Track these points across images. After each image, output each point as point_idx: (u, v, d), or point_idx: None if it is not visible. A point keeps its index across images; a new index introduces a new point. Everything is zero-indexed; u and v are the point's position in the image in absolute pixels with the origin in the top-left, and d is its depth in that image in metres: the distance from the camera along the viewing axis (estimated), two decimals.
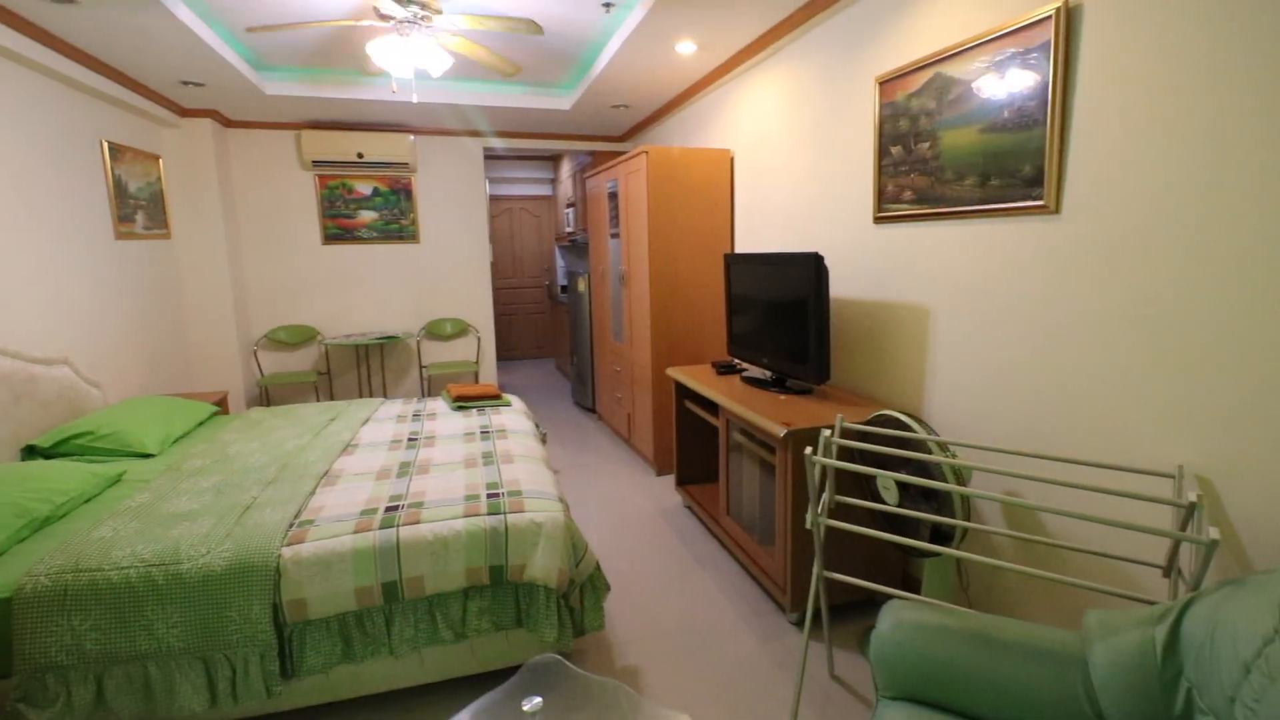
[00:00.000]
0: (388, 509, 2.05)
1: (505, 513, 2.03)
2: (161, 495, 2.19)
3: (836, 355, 2.85)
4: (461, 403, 3.33)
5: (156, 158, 4.05)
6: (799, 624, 2.39)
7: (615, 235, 4.29)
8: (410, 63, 2.88)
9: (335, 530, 1.91)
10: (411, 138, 4.93)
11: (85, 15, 2.64)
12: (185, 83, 3.64)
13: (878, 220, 2.54)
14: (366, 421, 3.10)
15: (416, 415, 3.21)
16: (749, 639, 2.31)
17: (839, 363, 2.84)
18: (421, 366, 5.36)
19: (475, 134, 5.23)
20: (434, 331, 5.35)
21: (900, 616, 1.46)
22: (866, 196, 2.60)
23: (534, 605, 1.99)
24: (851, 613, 2.42)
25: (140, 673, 1.70)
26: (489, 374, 5.54)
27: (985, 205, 2.05)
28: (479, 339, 5.48)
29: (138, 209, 3.79)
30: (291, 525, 1.95)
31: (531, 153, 7.17)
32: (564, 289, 7.73)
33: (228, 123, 4.60)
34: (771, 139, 3.29)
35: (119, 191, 3.57)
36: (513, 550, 1.98)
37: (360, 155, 4.80)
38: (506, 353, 7.84)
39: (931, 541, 1.91)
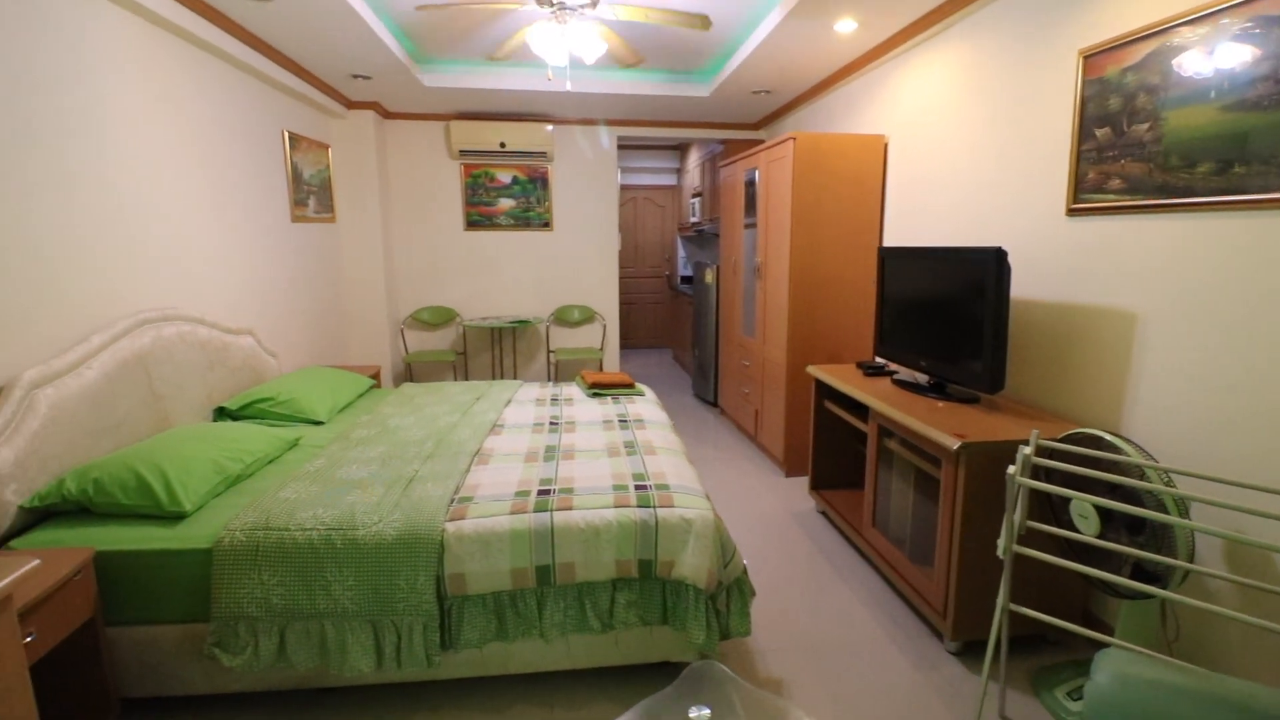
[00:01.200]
0: (540, 492, 2.07)
1: (655, 506, 1.99)
2: (335, 461, 2.34)
3: (1010, 362, 2.57)
4: (597, 390, 3.35)
5: (326, 147, 4.39)
6: (959, 654, 2.18)
7: (750, 226, 4.15)
8: (566, 50, 2.90)
9: (493, 509, 1.95)
10: (550, 127, 5.04)
11: (276, 10, 2.86)
12: (355, 76, 3.89)
13: (1072, 212, 2.25)
14: (509, 403, 3.19)
15: (555, 399, 3.27)
16: (901, 664, 2.14)
17: (1011, 370, 2.57)
18: (549, 351, 5.50)
19: (610, 123, 5.26)
20: (562, 318, 5.46)
21: (1125, 671, 1.27)
22: (1059, 185, 2.31)
23: (681, 604, 1.94)
24: (1018, 647, 2.18)
25: (317, 630, 1.81)
26: (612, 362, 5.59)
27: (1225, 196, 1.75)
28: (604, 327, 5.54)
29: (310, 194, 4.11)
30: (452, 501, 2.01)
31: (660, 142, 7.15)
32: (685, 280, 7.68)
33: (386, 114, 4.91)
34: (936, 123, 3.02)
35: (295, 178, 3.89)
36: (662, 546, 1.93)
37: (503, 144, 4.96)
38: (624, 341, 7.91)
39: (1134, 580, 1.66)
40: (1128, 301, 2.07)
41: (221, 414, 2.82)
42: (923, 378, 2.82)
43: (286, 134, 3.77)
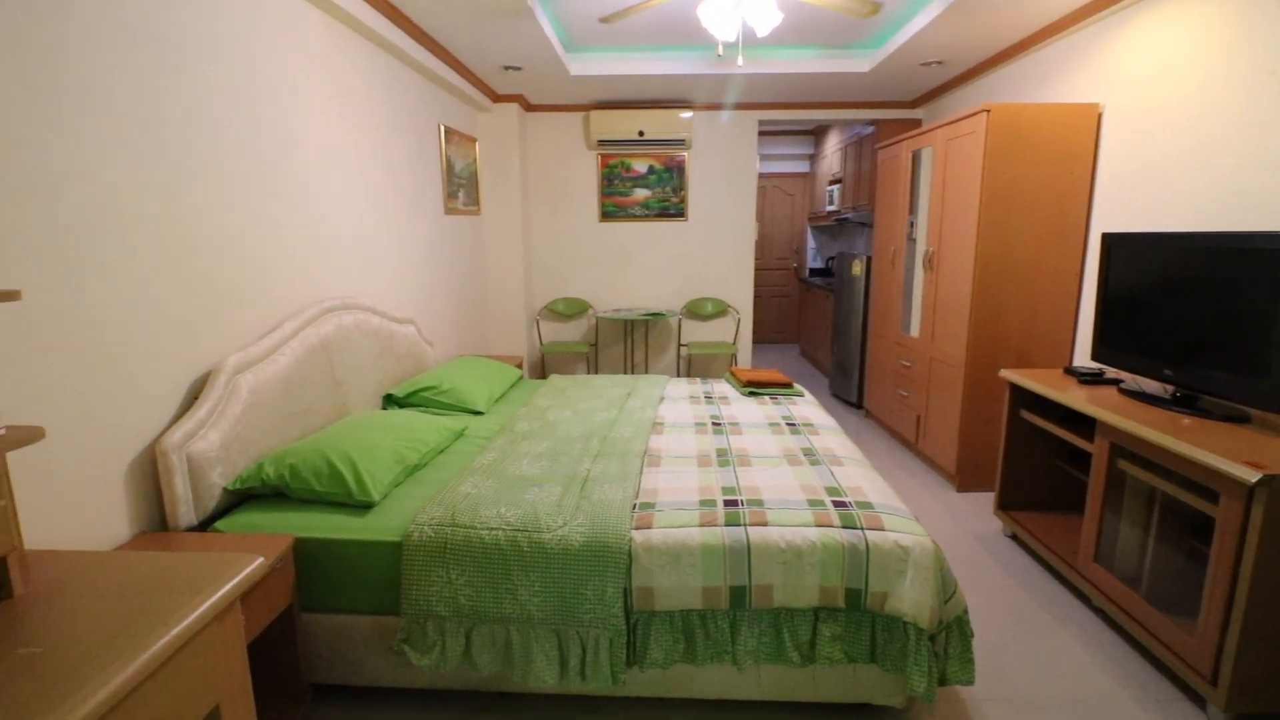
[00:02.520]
0: (727, 503, 1.88)
1: (862, 528, 1.75)
2: (505, 455, 2.28)
3: None
4: (753, 388, 3.13)
5: (474, 140, 4.44)
6: None
7: (915, 211, 3.76)
8: (739, 23, 2.69)
9: (680, 519, 1.79)
10: (689, 113, 4.85)
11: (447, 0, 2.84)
12: (506, 67, 3.88)
13: None
14: (662, 400, 3.04)
15: (709, 397, 3.08)
16: None
17: None
18: (680, 345, 5.34)
19: (752, 106, 4.99)
20: (694, 311, 5.28)
21: None
22: None
23: (894, 643, 1.69)
24: None
25: (503, 634, 1.73)
26: (745, 358, 5.35)
27: None
28: (738, 320, 5.30)
29: (459, 187, 4.17)
30: (634, 507, 1.87)
31: (795, 127, 6.79)
32: (815, 272, 7.28)
33: (529, 107, 4.92)
34: (1175, 87, 2.53)
35: (449, 171, 3.95)
36: (874, 575, 1.69)
37: (641, 133, 4.83)
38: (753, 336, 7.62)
39: None
40: None
41: (389, 401, 2.86)
42: (1162, 388, 2.38)
43: (442, 128, 3.82)
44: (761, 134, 7.01)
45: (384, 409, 2.82)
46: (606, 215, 5.17)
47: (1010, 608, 2.37)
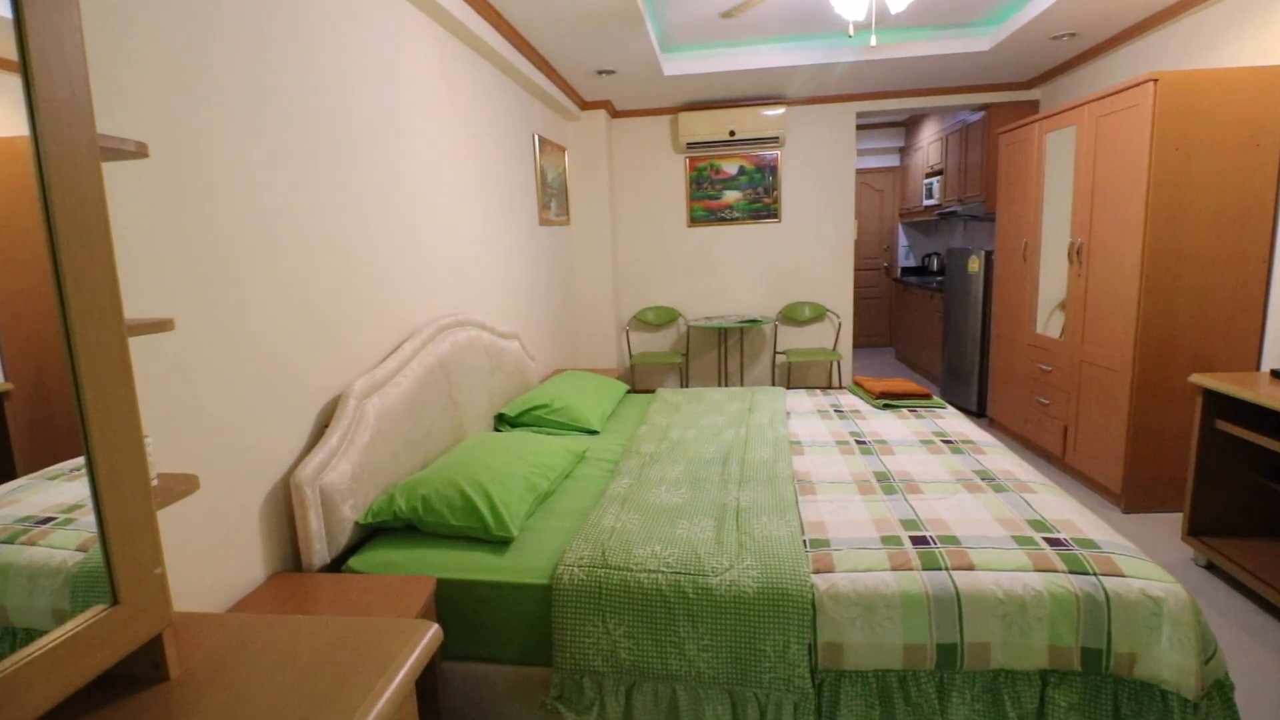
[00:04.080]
0: (914, 540, 1.62)
1: (1096, 574, 1.46)
2: (639, 481, 2.09)
3: None
4: (886, 400, 2.84)
5: (563, 149, 4.32)
6: None
7: (1053, 201, 3.38)
8: (868, 3, 2.43)
9: (866, 561, 1.54)
10: (782, 110, 4.59)
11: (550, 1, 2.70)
12: (600, 71, 3.74)
13: None
14: (789, 415, 2.79)
15: (839, 411, 2.81)
16: None
17: None
18: (777, 352, 5.06)
19: (849, 98, 4.69)
20: (790, 316, 5.00)
21: None
22: None
23: (1148, 715, 1.39)
24: None
25: (668, 694, 1.52)
26: (847, 365, 5.02)
27: None
28: (839, 325, 4.98)
29: (551, 197, 4.05)
30: (805, 545, 1.63)
31: (886, 119, 6.42)
32: (909, 271, 6.87)
33: (615, 113, 4.78)
34: None
35: (542, 181, 3.83)
36: (1118, 632, 1.40)
37: (732, 133, 4.61)
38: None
39: None
40: None
41: (500, 421, 2.72)
42: None
43: (536, 137, 3.70)
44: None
45: (496, 429, 2.68)
46: (695, 220, 4.96)
47: (1236, 656, 2.00)
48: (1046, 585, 1.44)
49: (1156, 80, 2.63)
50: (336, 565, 1.72)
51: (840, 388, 4.74)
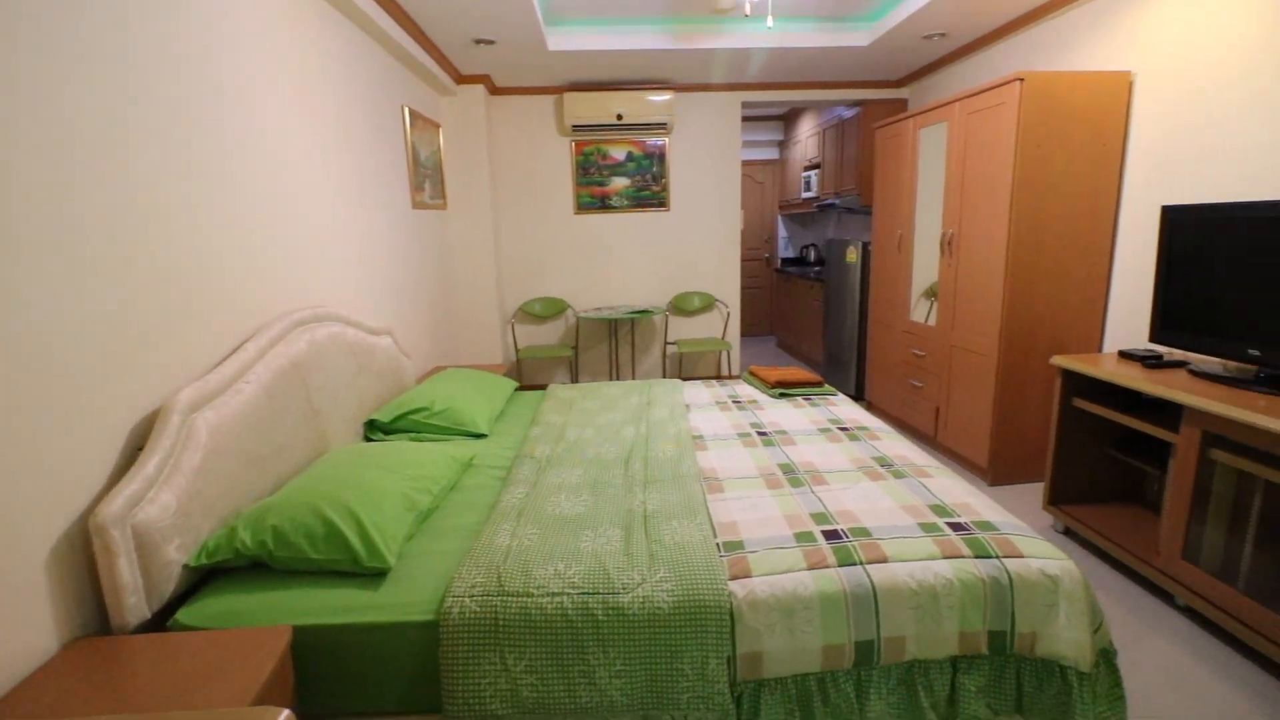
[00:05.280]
0: (827, 535, 1.57)
1: (999, 557, 1.47)
2: (536, 489, 1.90)
3: None
4: (783, 389, 2.84)
5: (438, 126, 3.97)
6: None
7: (925, 195, 3.56)
8: None
9: (783, 562, 1.46)
10: (670, 95, 4.51)
11: None
12: (477, 41, 3.45)
13: None
14: (689, 408, 2.70)
15: (737, 402, 2.77)
16: None
17: None
18: (668, 343, 5.01)
19: (734, 88, 4.70)
20: (680, 306, 4.96)
21: None
22: None
23: (1046, 691, 1.43)
24: None
25: None
26: (736, 354, 5.07)
27: None
28: (727, 315, 5.02)
29: (425, 178, 3.71)
30: (719, 548, 1.53)
31: (765, 112, 6.56)
32: (788, 261, 7.10)
33: (495, 89, 4.47)
34: (1224, 51, 2.37)
35: (414, 159, 3.48)
36: (1021, 613, 1.42)
37: (619, 116, 4.47)
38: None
39: None
40: None
41: (372, 428, 2.41)
42: (1236, 369, 2.21)
43: (407, 110, 3.35)
44: None
45: (367, 438, 2.37)
46: (582, 207, 4.78)
47: None
48: (955, 572, 1.43)
49: (1023, 80, 2.79)
50: (161, 620, 1.39)
51: (733, 377, 4.78)
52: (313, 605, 1.41)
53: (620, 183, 4.75)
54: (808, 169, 6.03)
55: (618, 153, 4.70)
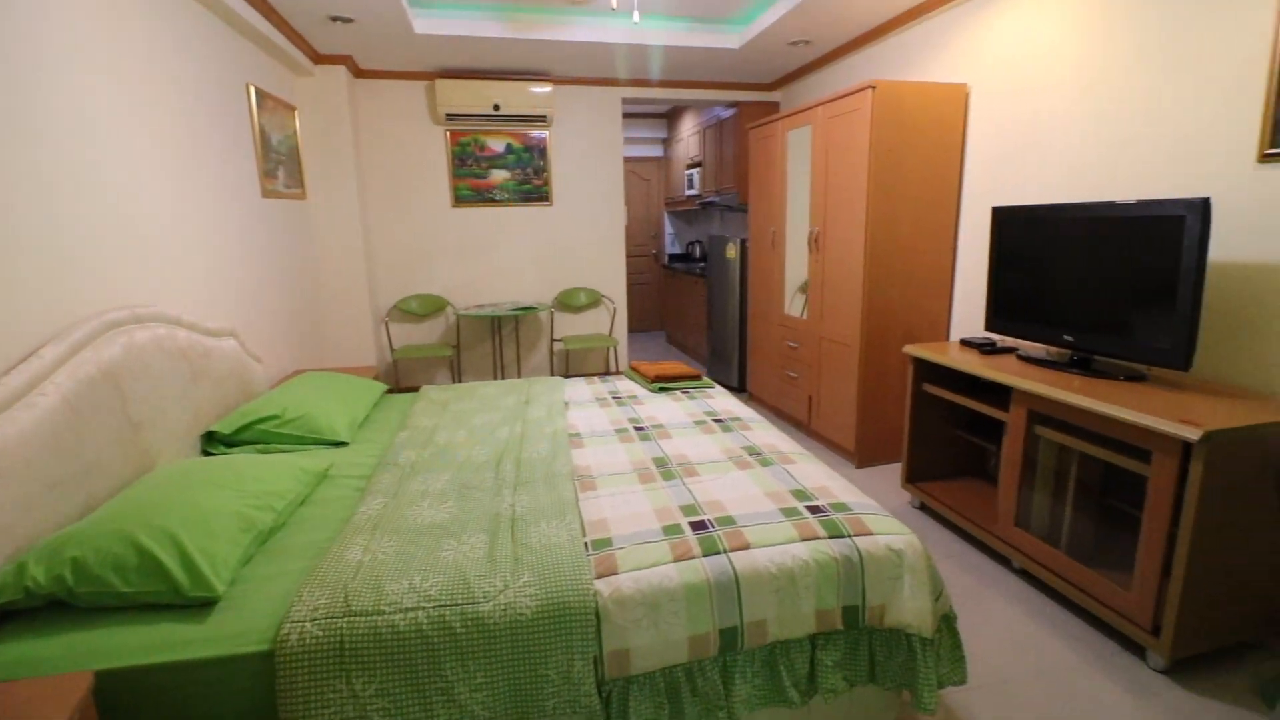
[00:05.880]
0: (694, 526, 1.59)
1: (850, 535, 1.55)
2: (397, 499, 1.78)
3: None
4: (661, 384, 2.87)
5: (293, 109, 3.66)
6: (1168, 673, 1.86)
7: (794, 194, 3.73)
8: None
9: (649, 557, 1.46)
10: (549, 87, 4.44)
11: None
12: (334, 18, 3.20)
13: (1267, 158, 1.93)
14: (567, 405, 2.66)
15: (617, 398, 2.76)
16: (1114, 693, 1.79)
17: None
18: (554, 340, 4.94)
19: (614, 83, 4.70)
20: (566, 302, 4.90)
21: None
22: (1245, 129, 1.99)
23: (895, 658, 1.52)
24: (1223, 658, 1.89)
25: None
26: (624, 349, 5.09)
27: None
28: (614, 310, 5.02)
29: (279, 164, 3.40)
30: (587, 547, 1.51)
31: (647, 109, 6.62)
32: (676, 258, 7.22)
33: (359, 72, 4.19)
34: (1045, 66, 2.66)
35: (264, 143, 3.19)
36: (871, 587, 1.50)
37: (496, 107, 4.33)
38: None
39: None
40: None
41: (211, 441, 2.18)
42: (1048, 351, 2.49)
43: (253, 89, 3.06)
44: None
45: (206, 453, 2.14)
46: (461, 200, 4.60)
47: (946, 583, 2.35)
48: (811, 553, 1.49)
49: (874, 87, 2.98)
50: None
51: (619, 373, 4.78)
52: (125, 645, 1.24)
53: (501, 175, 4.62)
54: (690, 167, 6.16)
55: (496, 144, 4.56)
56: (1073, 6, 2.53)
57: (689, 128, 6.20)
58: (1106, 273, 2.16)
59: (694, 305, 5.89)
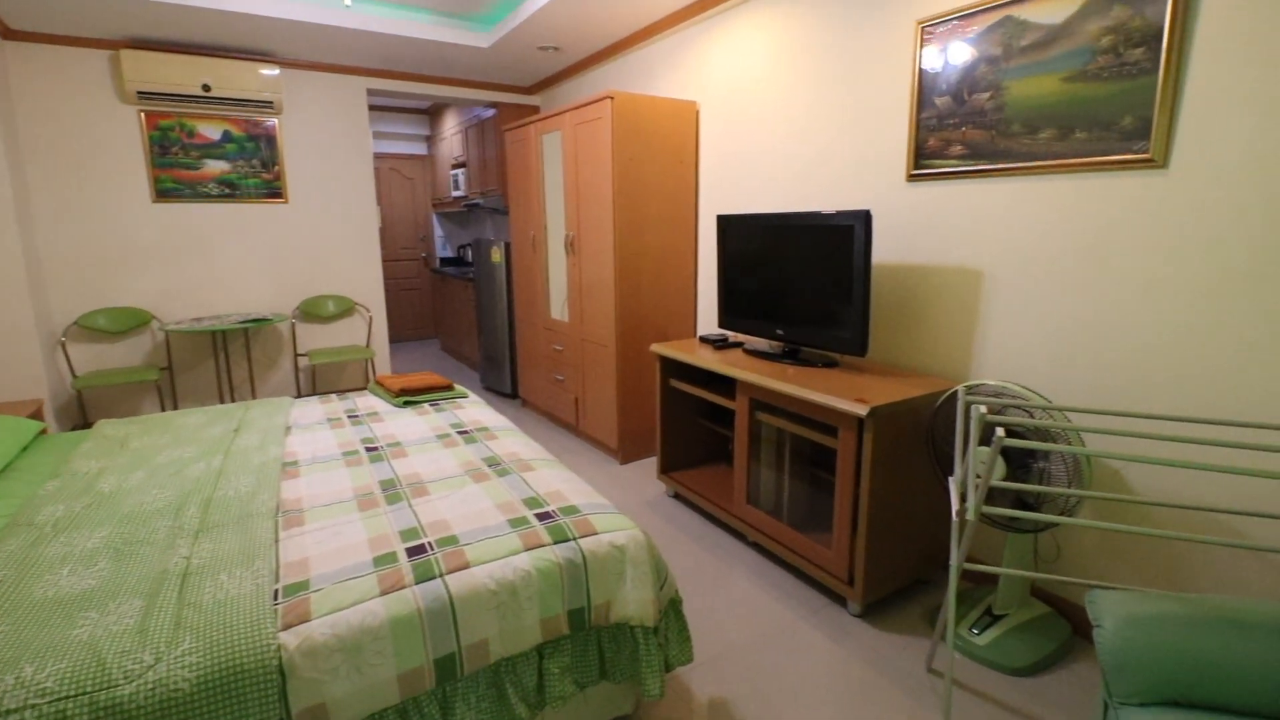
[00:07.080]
0: (411, 551, 1.47)
1: (575, 538, 1.56)
2: (22, 569, 1.40)
3: None
4: (408, 397, 2.67)
5: None
6: (862, 616, 2.18)
7: (551, 197, 3.75)
8: None
9: (351, 594, 1.32)
10: (276, 70, 3.93)
11: None
12: None
13: (913, 178, 2.36)
14: (288, 430, 2.35)
15: (354, 417, 2.51)
16: (820, 641, 2.05)
17: None
18: (298, 355, 4.39)
19: (359, 72, 4.32)
20: (311, 312, 4.39)
21: (1132, 611, 1.27)
22: (897, 153, 2.41)
23: (623, 651, 1.56)
24: (903, 596, 2.27)
25: None
26: (384, 361, 4.71)
27: (1067, 159, 1.93)
28: (370, 319, 4.62)
29: None
30: (276, 596, 1.31)
31: (409, 104, 6.24)
32: (446, 261, 6.91)
33: (7, 33, 3.30)
34: (757, 90, 2.98)
35: None
36: (595, 586, 1.52)
37: (206, 87, 3.72)
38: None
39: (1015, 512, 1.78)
40: (973, 261, 2.23)
41: None
42: (773, 346, 2.79)
43: None
44: (374, 109, 6.27)
45: None
46: (164, 194, 3.87)
47: (688, 561, 2.51)
48: (534, 563, 1.46)
49: (613, 98, 3.09)
50: None
51: (365, 390, 4.42)
52: None
53: (218, 167, 3.98)
54: (455, 167, 5.93)
55: (210, 131, 3.93)
56: (774, 42, 2.86)
57: (451, 126, 5.96)
58: (804, 274, 2.48)
59: (465, 311, 5.68)
